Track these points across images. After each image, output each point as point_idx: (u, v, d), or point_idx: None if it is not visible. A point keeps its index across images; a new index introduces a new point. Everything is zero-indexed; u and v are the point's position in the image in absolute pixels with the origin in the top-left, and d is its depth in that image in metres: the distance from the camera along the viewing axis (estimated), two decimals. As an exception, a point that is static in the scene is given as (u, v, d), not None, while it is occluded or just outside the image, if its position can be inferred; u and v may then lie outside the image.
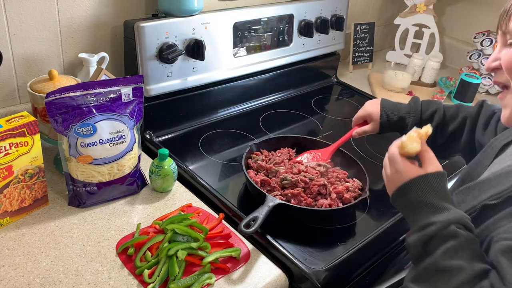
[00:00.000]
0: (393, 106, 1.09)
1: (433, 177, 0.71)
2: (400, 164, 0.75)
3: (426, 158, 0.74)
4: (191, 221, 0.88)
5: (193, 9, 1.18)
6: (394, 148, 0.78)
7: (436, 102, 1.08)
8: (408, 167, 0.74)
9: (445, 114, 1.04)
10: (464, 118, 1.03)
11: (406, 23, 1.90)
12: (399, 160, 0.75)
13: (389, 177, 0.78)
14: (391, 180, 0.77)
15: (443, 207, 0.67)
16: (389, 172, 0.77)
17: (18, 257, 0.81)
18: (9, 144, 0.82)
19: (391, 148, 0.79)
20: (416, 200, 0.70)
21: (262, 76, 1.46)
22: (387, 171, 0.79)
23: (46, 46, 1.10)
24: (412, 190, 0.71)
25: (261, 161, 1.06)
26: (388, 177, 0.78)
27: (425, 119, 1.05)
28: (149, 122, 1.20)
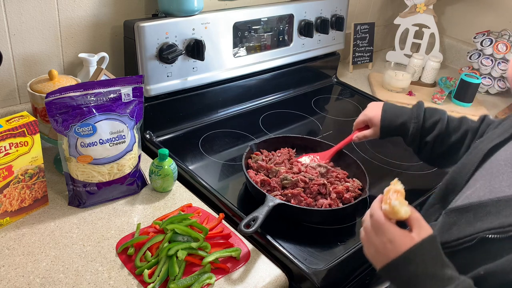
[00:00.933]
0: (394, 110, 1.06)
1: (429, 243, 0.63)
2: (393, 233, 0.65)
3: (415, 220, 0.65)
4: (191, 221, 0.88)
5: (193, 9, 1.18)
6: (379, 213, 0.67)
7: (440, 112, 1.05)
8: (403, 236, 0.64)
9: (448, 125, 1.02)
10: (466, 131, 1.00)
11: (406, 23, 1.90)
12: (391, 228, 0.65)
13: (378, 247, 0.66)
14: (381, 251, 0.66)
15: (448, 277, 0.61)
16: (378, 242, 0.66)
17: (18, 257, 0.81)
18: (9, 144, 0.82)
19: (377, 214, 0.68)
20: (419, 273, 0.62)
21: (262, 76, 1.46)
22: (373, 240, 0.67)
23: (46, 46, 1.10)
24: (412, 262, 0.62)
25: (261, 161, 1.06)
26: (378, 247, 0.67)
27: (427, 127, 1.02)
28: (149, 122, 1.20)
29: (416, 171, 1.21)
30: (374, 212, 0.68)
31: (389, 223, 0.66)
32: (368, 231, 0.69)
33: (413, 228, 0.65)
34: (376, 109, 1.08)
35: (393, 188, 0.69)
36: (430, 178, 1.18)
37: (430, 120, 1.03)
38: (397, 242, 0.64)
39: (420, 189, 1.12)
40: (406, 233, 0.64)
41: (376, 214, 0.68)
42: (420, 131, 1.03)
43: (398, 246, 0.64)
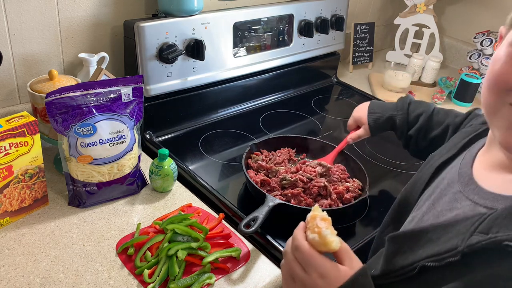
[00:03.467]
0: (380, 106, 1.08)
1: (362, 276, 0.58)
2: (324, 267, 0.58)
3: (345, 251, 0.60)
4: (191, 221, 0.88)
5: (193, 9, 1.18)
6: (305, 245, 0.59)
7: (425, 105, 1.04)
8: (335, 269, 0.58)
9: (432, 119, 1.01)
10: (447, 126, 0.98)
11: (406, 23, 1.90)
12: (322, 262, 0.58)
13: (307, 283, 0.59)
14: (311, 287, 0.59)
15: None
16: (307, 278, 0.59)
17: (18, 257, 0.81)
18: (9, 144, 0.82)
19: (303, 246, 0.59)
20: None
21: (262, 76, 1.46)
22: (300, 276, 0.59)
23: (46, 46, 1.10)
24: None
25: (261, 161, 1.06)
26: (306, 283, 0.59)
27: (411, 119, 1.02)
28: (149, 122, 1.20)
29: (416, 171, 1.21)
30: (299, 243, 0.60)
31: (319, 256, 0.58)
32: (292, 266, 0.61)
33: (343, 261, 0.59)
34: (363, 108, 1.10)
35: (320, 216, 0.61)
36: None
37: (414, 113, 1.03)
38: (330, 277, 0.57)
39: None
40: (337, 267, 0.58)
41: (302, 246, 0.59)
42: (406, 123, 1.03)
43: (331, 282, 0.57)
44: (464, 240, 0.53)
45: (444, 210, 0.62)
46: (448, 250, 0.54)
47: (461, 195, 0.61)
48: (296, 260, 0.60)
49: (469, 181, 0.61)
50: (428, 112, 1.02)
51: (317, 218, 0.60)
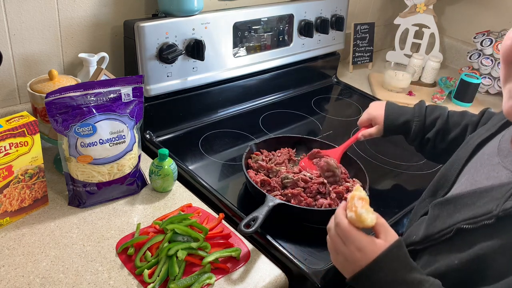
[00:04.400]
0: (397, 109, 1.08)
1: (397, 248, 0.64)
2: (361, 241, 0.64)
3: (381, 226, 0.66)
4: (191, 221, 0.88)
5: (193, 9, 1.18)
6: (345, 221, 0.67)
7: (440, 108, 1.06)
8: (371, 243, 0.64)
9: (448, 121, 1.03)
10: (466, 125, 1.00)
11: (406, 23, 1.90)
12: (359, 237, 0.65)
13: (347, 256, 0.66)
14: (350, 260, 0.66)
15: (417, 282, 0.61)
16: (347, 251, 0.66)
17: (18, 257, 0.81)
18: (9, 144, 0.82)
19: (343, 223, 0.67)
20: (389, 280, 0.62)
21: (262, 76, 1.46)
22: (341, 249, 0.67)
23: (46, 46, 1.10)
24: (382, 269, 0.63)
25: (261, 161, 1.06)
26: (346, 256, 0.66)
27: (428, 124, 1.04)
28: (149, 122, 1.20)
29: (416, 171, 1.21)
30: (339, 221, 0.67)
31: (356, 231, 0.65)
32: (335, 240, 0.69)
33: (379, 234, 0.65)
34: (379, 108, 1.10)
35: (358, 195, 0.67)
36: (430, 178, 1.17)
37: (431, 117, 1.04)
38: (366, 250, 0.64)
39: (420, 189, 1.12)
40: (374, 240, 0.65)
41: (342, 223, 0.67)
42: (423, 128, 1.04)
43: (368, 254, 0.64)
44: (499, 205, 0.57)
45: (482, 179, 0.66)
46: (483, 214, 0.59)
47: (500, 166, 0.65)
48: (337, 235, 0.68)
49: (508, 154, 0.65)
50: (444, 115, 1.03)
51: (355, 197, 0.67)
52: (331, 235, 0.70)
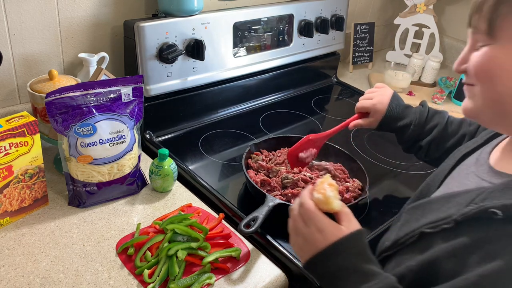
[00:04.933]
0: (400, 110, 1.03)
1: (357, 236, 0.64)
2: (323, 222, 0.64)
3: (345, 214, 0.66)
4: (191, 221, 0.88)
5: (193, 9, 1.18)
6: (310, 202, 0.66)
7: (440, 116, 1.01)
8: (333, 226, 0.64)
9: (446, 129, 0.99)
10: (463, 135, 0.97)
11: (406, 23, 1.90)
12: (321, 218, 0.64)
13: (307, 237, 0.65)
14: (310, 241, 0.65)
15: (371, 273, 0.61)
16: (307, 231, 0.65)
17: (18, 257, 0.81)
18: (9, 144, 0.82)
19: (308, 203, 0.66)
20: (344, 266, 0.61)
21: (262, 76, 1.46)
22: (302, 230, 0.66)
23: (46, 46, 1.10)
24: (340, 253, 0.62)
25: (261, 161, 1.06)
26: (306, 237, 0.65)
27: (425, 132, 1.01)
28: (149, 122, 1.20)
29: (416, 171, 1.21)
30: (304, 201, 0.67)
31: (320, 213, 0.65)
32: (296, 221, 0.68)
33: (342, 221, 0.65)
34: (382, 103, 1.03)
35: (327, 181, 0.68)
36: (430, 178, 1.18)
37: (429, 125, 1.01)
38: (327, 232, 0.63)
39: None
40: (336, 225, 0.64)
41: (306, 203, 0.66)
42: (417, 136, 1.01)
43: (328, 236, 0.63)
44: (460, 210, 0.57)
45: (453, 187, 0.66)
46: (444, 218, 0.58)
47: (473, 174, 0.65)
48: (300, 215, 0.67)
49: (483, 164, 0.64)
50: (442, 124, 0.99)
51: (325, 182, 0.67)
52: (294, 215, 0.69)
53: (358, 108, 1.09)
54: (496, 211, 0.51)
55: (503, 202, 0.52)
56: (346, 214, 0.66)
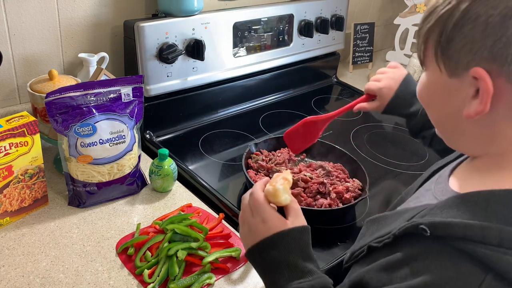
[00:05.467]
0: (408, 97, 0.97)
1: (299, 232, 0.63)
2: (269, 214, 0.64)
3: (294, 210, 0.66)
4: (191, 221, 0.88)
5: (193, 9, 1.18)
6: (260, 193, 0.67)
7: None
8: (277, 219, 0.64)
9: None
10: None
11: (406, 23, 1.90)
12: (268, 209, 0.65)
13: (251, 226, 0.66)
14: (253, 230, 0.65)
15: (308, 271, 0.60)
16: (252, 221, 0.66)
17: (18, 257, 0.81)
18: (9, 144, 0.82)
19: (257, 193, 0.67)
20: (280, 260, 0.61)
21: (262, 76, 1.46)
22: (248, 219, 0.67)
23: (46, 46, 1.10)
24: (277, 246, 0.62)
25: (261, 161, 1.06)
26: (251, 226, 0.66)
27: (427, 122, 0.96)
28: (149, 122, 1.20)
29: (416, 171, 1.21)
30: (255, 191, 0.67)
31: (267, 204, 0.65)
32: (245, 209, 0.68)
33: (288, 216, 0.65)
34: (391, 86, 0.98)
35: (283, 175, 0.68)
36: (430, 178, 1.18)
37: None
38: (270, 223, 0.64)
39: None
40: (281, 218, 0.64)
41: (256, 193, 0.67)
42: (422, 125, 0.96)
43: (270, 228, 0.63)
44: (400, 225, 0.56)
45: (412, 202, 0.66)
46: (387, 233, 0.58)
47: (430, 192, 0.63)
48: (248, 204, 0.67)
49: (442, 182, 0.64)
50: None
51: (280, 176, 0.67)
52: (243, 204, 0.69)
53: (366, 90, 1.02)
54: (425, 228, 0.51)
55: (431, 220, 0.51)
56: (294, 209, 0.66)
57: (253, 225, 0.65)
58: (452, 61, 0.52)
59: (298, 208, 0.67)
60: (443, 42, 0.51)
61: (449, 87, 0.54)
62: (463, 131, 0.56)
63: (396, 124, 1.45)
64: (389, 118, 1.50)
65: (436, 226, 0.51)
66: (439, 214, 0.53)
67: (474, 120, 0.52)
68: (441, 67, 0.53)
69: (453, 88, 0.53)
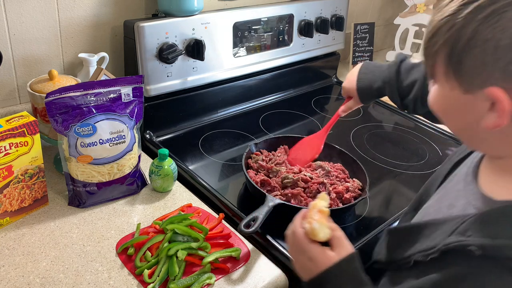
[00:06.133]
0: (369, 74, 1.00)
1: (348, 262, 0.66)
2: (313, 252, 0.67)
3: (337, 239, 0.68)
4: (191, 221, 0.88)
5: (193, 9, 1.18)
6: (299, 232, 0.69)
7: (419, 68, 0.94)
8: (322, 254, 0.67)
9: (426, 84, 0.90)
10: None
11: (406, 23, 1.90)
12: (310, 247, 0.68)
13: (301, 264, 0.70)
14: (304, 268, 0.69)
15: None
16: (301, 259, 0.70)
17: (18, 257, 0.81)
18: (9, 144, 0.82)
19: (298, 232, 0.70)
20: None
21: (262, 76, 1.46)
22: (296, 256, 0.71)
23: (46, 46, 1.10)
24: (328, 281, 0.65)
25: (261, 161, 1.06)
26: (301, 264, 0.70)
27: (404, 88, 0.95)
28: (149, 122, 1.20)
29: (416, 171, 1.21)
30: (295, 230, 0.70)
31: (308, 243, 0.68)
32: (291, 247, 0.72)
33: (334, 247, 0.67)
34: (352, 79, 1.03)
35: (318, 207, 0.69)
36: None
37: (406, 81, 0.95)
38: (317, 260, 0.66)
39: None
40: (325, 252, 0.67)
41: (297, 233, 0.69)
42: (397, 93, 0.96)
43: (317, 266, 0.66)
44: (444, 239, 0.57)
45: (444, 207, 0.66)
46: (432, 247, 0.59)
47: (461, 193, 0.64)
48: (293, 243, 0.71)
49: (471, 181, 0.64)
50: (421, 79, 0.92)
51: (316, 208, 0.69)
52: (288, 241, 0.73)
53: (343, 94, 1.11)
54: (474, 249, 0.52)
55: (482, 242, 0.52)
56: (337, 239, 0.68)
57: (302, 263, 0.69)
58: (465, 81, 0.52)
59: (341, 235, 0.68)
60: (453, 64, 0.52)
61: (464, 102, 0.54)
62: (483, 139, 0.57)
63: (396, 124, 1.45)
64: (389, 118, 1.51)
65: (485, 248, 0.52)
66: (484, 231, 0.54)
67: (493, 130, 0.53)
68: (454, 84, 0.53)
69: (468, 103, 0.54)
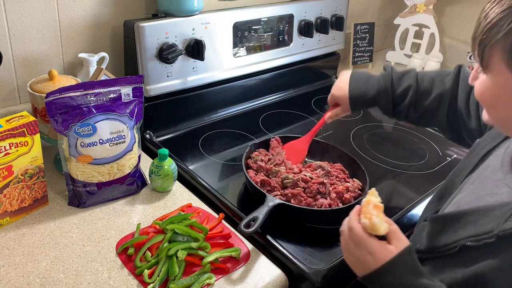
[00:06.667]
0: (361, 86, 1.01)
1: (406, 254, 0.67)
2: (373, 246, 0.68)
3: (393, 233, 0.69)
4: (191, 221, 0.88)
5: (193, 9, 1.18)
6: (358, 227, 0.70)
7: (409, 75, 0.98)
8: (382, 248, 0.68)
9: (418, 89, 0.97)
10: (440, 95, 0.95)
11: (406, 23, 1.90)
12: (370, 242, 0.68)
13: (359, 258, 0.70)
14: (362, 262, 0.69)
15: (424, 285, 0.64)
16: (359, 254, 0.70)
17: (18, 257, 0.81)
18: (9, 144, 0.82)
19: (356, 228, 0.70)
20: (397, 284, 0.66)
21: (262, 76, 1.46)
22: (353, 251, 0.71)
23: (46, 46, 1.10)
24: (391, 273, 0.66)
25: (261, 161, 1.05)
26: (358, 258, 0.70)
27: (398, 96, 0.98)
28: (149, 122, 1.20)
29: (416, 171, 1.21)
30: (353, 226, 0.71)
31: (368, 238, 0.69)
32: (347, 243, 0.72)
33: (391, 241, 0.68)
34: (342, 88, 1.04)
35: (373, 202, 0.70)
36: (430, 178, 1.18)
37: (400, 89, 0.98)
38: (377, 254, 0.67)
39: (420, 189, 1.12)
40: (385, 246, 0.68)
41: (355, 229, 0.70)
42: (391, 102, 0.99)
43: (378, 258, 0.67)
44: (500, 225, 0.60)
45: (486, 195, 0.68)
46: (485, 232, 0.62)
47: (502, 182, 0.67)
48: (350, 238, 0.71)
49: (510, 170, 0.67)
50: (414, 85, 0.97)
51: (370, 204, 0.70)
52: (344, 237, 0.73)
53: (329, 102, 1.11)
54: None
55: None
56: (394, 233, 0.69)
57: (360, 257, 0.69)
58: None
59: (397, 228, 0.70)
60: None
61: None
62: None
63: (396, 124, 1.45)
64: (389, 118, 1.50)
65: None
66: None
67: None
68: None
69: None
